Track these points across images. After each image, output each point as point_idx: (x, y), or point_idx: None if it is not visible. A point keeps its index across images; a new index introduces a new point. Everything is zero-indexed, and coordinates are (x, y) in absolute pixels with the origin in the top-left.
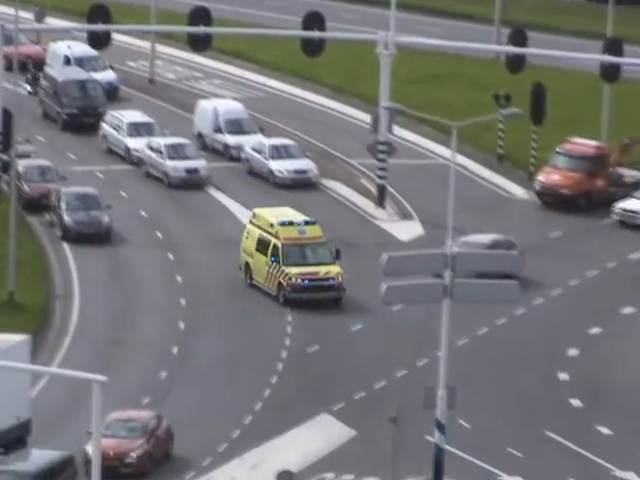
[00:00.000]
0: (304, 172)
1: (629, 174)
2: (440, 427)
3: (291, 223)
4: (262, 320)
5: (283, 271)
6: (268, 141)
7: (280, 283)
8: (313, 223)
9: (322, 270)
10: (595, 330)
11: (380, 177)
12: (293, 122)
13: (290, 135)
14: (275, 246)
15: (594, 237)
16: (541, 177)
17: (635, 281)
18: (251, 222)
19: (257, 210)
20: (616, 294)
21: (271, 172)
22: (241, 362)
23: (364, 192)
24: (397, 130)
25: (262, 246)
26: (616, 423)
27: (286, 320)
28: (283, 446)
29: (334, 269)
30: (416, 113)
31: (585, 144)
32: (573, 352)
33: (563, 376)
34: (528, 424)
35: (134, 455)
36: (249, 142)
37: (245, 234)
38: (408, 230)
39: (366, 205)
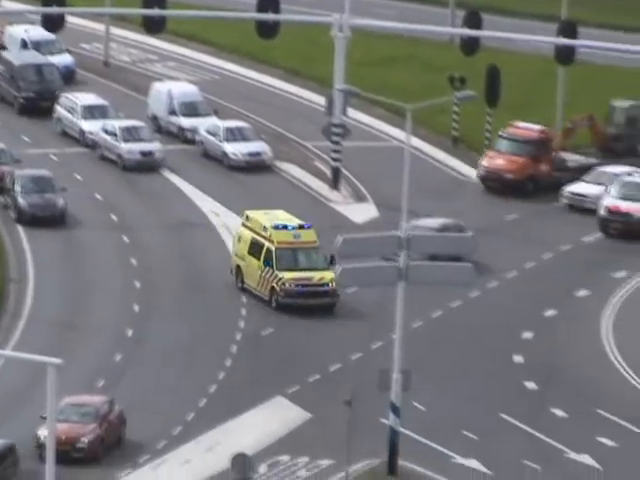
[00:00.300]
0: (258, 154)
1: (572, 158)
2: (395, 409)
3: (285, 227)
4: (217, 303)
5: (276, 276)
6: (222, 123)
7: (273, 288)
8: (308, 227)
9: (316, 276)
10: (550, 313)
11: (334, 159)
12: (248, 104)
13: (244, 118)
14: (268, 250)
15: (546, 220)
16: (485, 162)
17: (589, 264)
18: (243, 225)
19: (250, 213)
20: (570, 277)
21: (225, 154)
22: (196, 345)
23: (318, 174)
24: (351, 112)
25: (255, 249)
26: (570, 405)
27: (240, 302)
28: (238, 429)
29: (328, 275)
30: (370, 95)
31: (529, 128)
32: (528, 335)
33: (518, 359)
34: (483, 407)
35: (86, 440)
36: (203, 125)
37: (236, 237)
38: (362, 212)
39: (320, 187)
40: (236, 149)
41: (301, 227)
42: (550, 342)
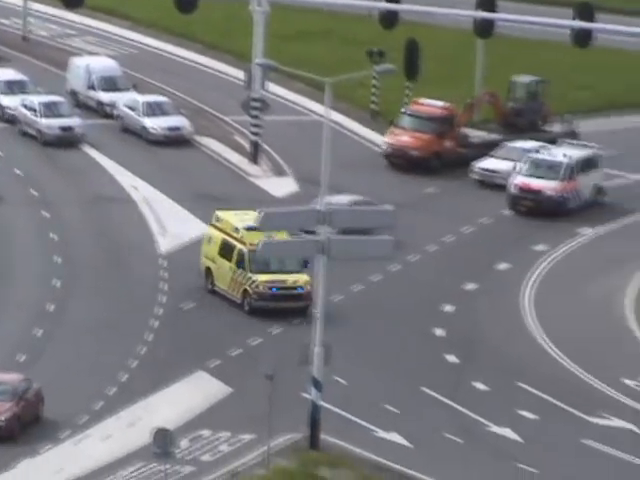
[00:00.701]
0: (177, 129)
1: (475, 134)
2: (316, 384)
3: (257, 228)
4: (137, 277)
5: (249, 278)
6: (142, 98)
7: (246, 291)
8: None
9: (290, 278)
10: (470, 286)
11: (254, 134)
12: (167, 79)
13: (164, 92)
14: (241, 252)
15: (461, 196)
16: (388, 139)
17: (509, 238)
18: (213, 225)
19: (220, 213)
20: (491, 250)
21: (144, 129)
22: (117, 319)
23: (238, 149)
24: (271, 87)
25: (226, 251)
26: (491, 379)
27: (161, 277)
28: (159, 403)
29: (302, 277)
30: (290, 70)
31: (432, 105)
32: (449, 308)
33: (439, 332)
34: (404, 380)
35: (2, 418)
36: (122, 99)
37: (206, 237)
38: (282, 187)
39: (240, 162)
40: (155, 123)
41: None
42: (471, 316)
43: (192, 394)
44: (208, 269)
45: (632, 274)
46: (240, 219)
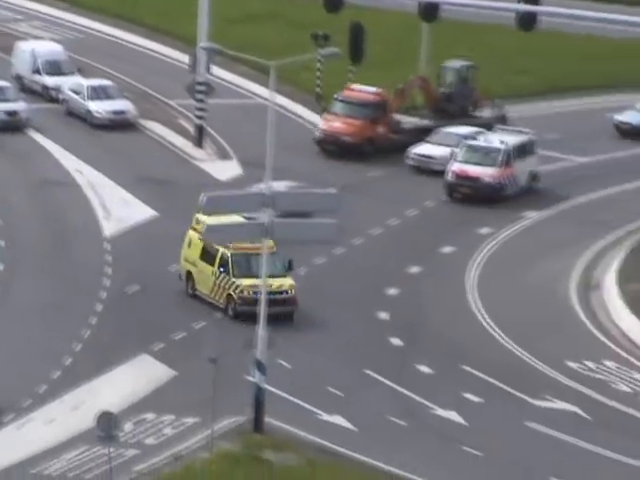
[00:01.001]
0: (122, 113)
1: (406, 120)
2: (260, 367)
3: None
4: (82, 261)
5: (233, 283)
6: (86, 82)
7: (230, 295)
8: None
9: (275, 282)
10: (415, 269)
11: (199, 117)
12: (112, 63)
13: (109, 76)
14: (223, 256)
15: (401, 180)
16: (322, 125)
17: (453, 221)
18: (194, 228)
19: (200, 216)
20: (435, 234)
21: (89, 113)
22: (61, 303)
23: (183, 132)
24: (216, 70)
25: (208, 255)
26: (436, 362)
27: (105, 261)
28: (103, 387)
29: (287, 281)
30: (234, 53)
31: (364, 91)
32: (393, 291)
33: (383, 315)
34: (348, 363)
35: None
36: (67, 83)
37: (187, 240)
38: (227, 170)
39: (185, 145)
40: (100, 107)
41: None
42: (415, 299)
43: (136, 378)
44: (189, 273)
45: (575, 258)
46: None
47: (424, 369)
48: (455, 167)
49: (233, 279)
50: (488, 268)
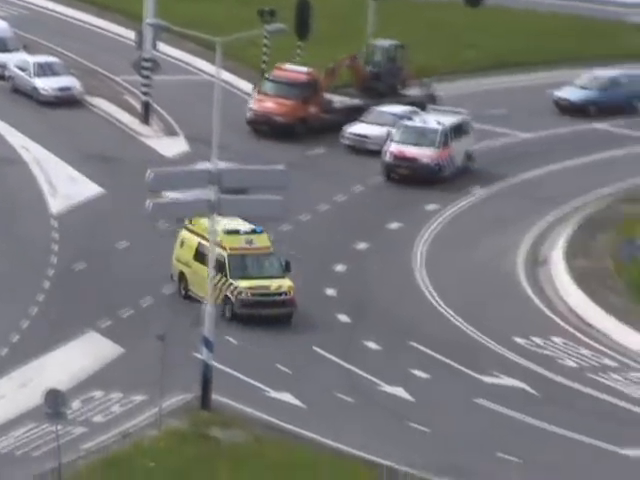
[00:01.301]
0: (68, 89)
1: (337, 99)
2: (207, 344)
3: (237, 232)
4: (28, 238)
5: (231, 284)
6: (32, 59)
7: (227, 297)
8: (260, 232)
9: (273, 284)
10: (362, 245)
11: (145, 94)
12: (58, 40)
13: (54, 53)
14: (220, 256)
15: (346, 158)
16: (253, 105)
17: (399, 198)
18: (186, 228)
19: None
20: (382, 210)
21: (35, 90)
22: (7, 280)
23: (129, 109)
24: (162, 47)
25: (202, 256)
26: (383, 338)
27: (52, 238)
28: (51, 364)
29: (286, 283)
30: (181, 29)
31: (296, 70)
32: (340, 268)
33: (330, 292)
34: (296, 340)
35: None
36: (13, 60)
37: (179, 241)
38: (173, 146)
39: (131, 122)
40: (46, 84)
41: (253, 232)
42: (362, 275)
43: (84, 355)
44: (181, 273)
45: (521, 234)
46: (216, 222)
47: (371, 345)
48: (392, 148)
49: (230, 280)
50: (435, 245)
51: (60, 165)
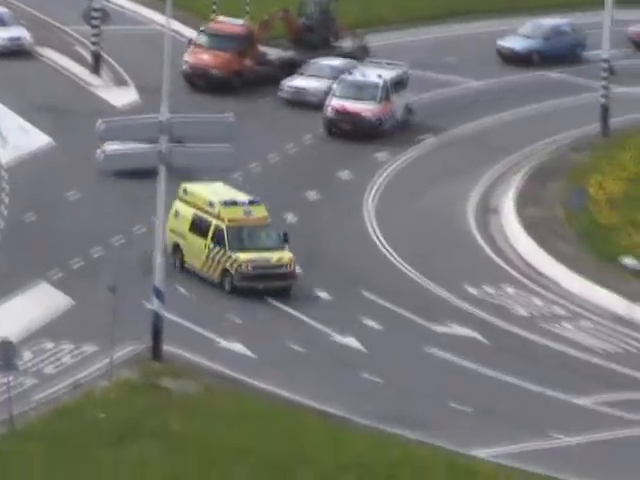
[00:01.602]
0: (18, 40)
1: (272, 52)
2: (158, 294)
3: (235, 203)
4: None
5: (230, 257)
6: None
7: (226, 270)
8: (257, 203)
9: (274, 256)
10: (312, 195)
11: (95, 44)
12: None
13: (3, 3)
14: (218, 228)
15: (285, 110)
16: (188, 58)
17: (349, 147)
18: (180, 199)
19: (188, 186)
20: (331, 159)
21: None
22: None
23: (79, 59)
24: None
25: (199, 227)
26: (335, 288)
27: (2, 189)
28: (2, 315)
29: (286, 255)
30: None
31: (231, 23)
32: (291, 217)
33: None
34: (247, 290)
35: None
36: None
37: (173, 212)
38: (123, 97)
39: (81, 72)
40: None
41: (251, 202)
42: (313, 225)
43: (35, 306)
44: (176, 245)
45: (472, 183)
46: (213, 192)
47: (323, 295)
48: (334, 103)
49: (229, 253)
50: (386, 194)
51: (10, 116)
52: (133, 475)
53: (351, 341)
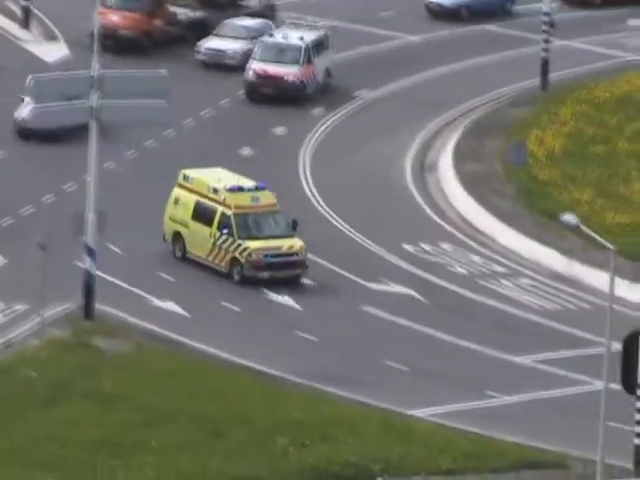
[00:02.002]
0: None
1: (181, 12)
2: (90, 252)
3: (241, 189)
4: None
5: (239, 245)
6: None
7: (235, 259)
8: (263, 188)
9: (285, 244)
10: (247, 151)
11: None
12: None
13: None
14: (224, 216)
15: (204, 71)
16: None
17: (282, 102)
18: (180, 186)
19: (189, 172)
20: (267, 114)
21: None
22: None
23: (8, 14)
24: None
25: (203, 215)
26: None
27: None
28: None
29: (297, 243)
30: None
31: None
32: None
33: None
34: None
35: None
36: None
37: (172, 199)
38: (54, 52)
39: (11, 27)
40: None
41: (257, 188)
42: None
43: None
44: (177, 234)
45: (409, 139)
46: (216, 178)
47: None
48: (255, 66)
49: (238, 241)
50: (321, 150)
51: None
52: (65, 435)
53: (286, 300)
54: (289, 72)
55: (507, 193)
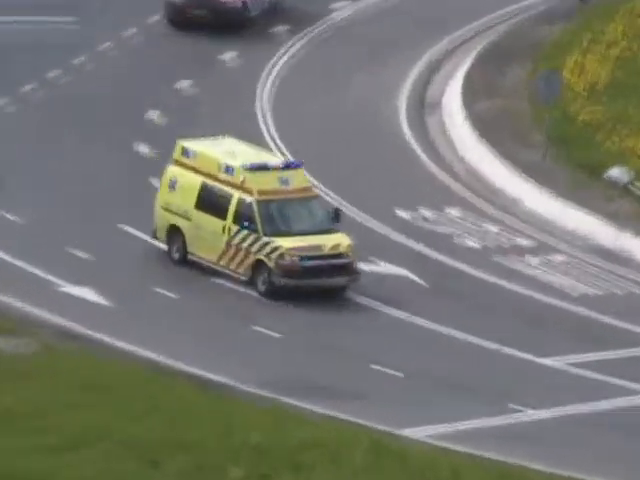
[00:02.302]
0: None
1: None
2: None
3: (265, 167)
4: None
5: (266, 244)
6: None
7: (260, 263)
8: (296, 166)
9: (327, 242)
10: (185, 84)
11: None
12: None
13: None
14: (243, 203)
15: None
16: None
17: (232, 33)
18: (178, 162)
19: (188, 144)
20: (210, 36)
21: None
22: None
23: None
24: None
25: (211, 203)
26: None
27: None
28: None
29: (343, 240)
30: None
31: None
32: (155, 116)
33: (143, 148)
34: (98, 215)
35: None
36: None
37: (165, 181)
38: None
39: None
40: None
41: (287, 166)
42: (189, 128)
43: None
44: (173, 228)
45: (405, 68)
46: (227, 152)
47: None
48: None
49: (265, 238)
50: (287, 83)
51: None
52: None
53: (240, 284)
54: None
55: (534, 140)
